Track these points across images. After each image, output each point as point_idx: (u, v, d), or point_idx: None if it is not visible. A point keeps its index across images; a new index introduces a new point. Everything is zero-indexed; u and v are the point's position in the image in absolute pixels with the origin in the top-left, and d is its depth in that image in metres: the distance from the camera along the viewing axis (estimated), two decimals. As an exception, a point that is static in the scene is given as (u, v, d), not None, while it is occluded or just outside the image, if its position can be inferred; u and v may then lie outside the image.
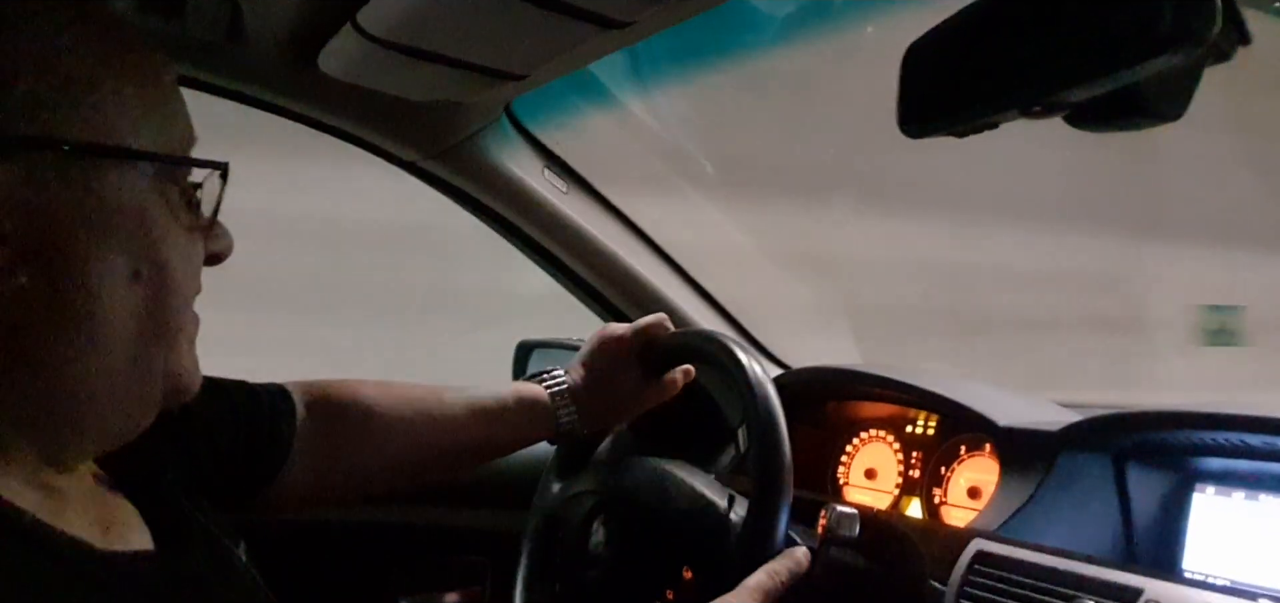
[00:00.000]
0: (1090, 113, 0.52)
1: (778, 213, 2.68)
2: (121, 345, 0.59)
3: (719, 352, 0.97)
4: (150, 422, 0.63)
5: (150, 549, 0.65)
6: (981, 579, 0.90)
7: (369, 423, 0.95)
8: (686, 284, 1.44)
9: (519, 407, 1.03)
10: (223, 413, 0.84)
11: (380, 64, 0.97)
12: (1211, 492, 0.96)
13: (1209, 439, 0.95)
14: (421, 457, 0.99)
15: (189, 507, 0.71)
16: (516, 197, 1.29)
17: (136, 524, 0.66)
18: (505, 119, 1.25)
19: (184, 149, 0.63)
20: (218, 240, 0.66)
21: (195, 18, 0.98)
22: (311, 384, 0.94)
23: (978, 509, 1.07)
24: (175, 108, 0.63)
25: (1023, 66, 0.52)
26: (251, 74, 1.11)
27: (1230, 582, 0.90)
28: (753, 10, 2.52)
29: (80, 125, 0.56)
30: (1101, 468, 1.01)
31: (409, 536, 1.38)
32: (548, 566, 1.08)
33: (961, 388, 1.18)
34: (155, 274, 0.59)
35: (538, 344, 1.48)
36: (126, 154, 0.58)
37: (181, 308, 0.62)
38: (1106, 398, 1.18)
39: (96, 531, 0.60)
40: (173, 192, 0.61)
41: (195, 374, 0.65)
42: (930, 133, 0.60)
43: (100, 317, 0.57)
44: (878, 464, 1.28)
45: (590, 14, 0.83)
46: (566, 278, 1.39)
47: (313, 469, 0.91)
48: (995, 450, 1.11)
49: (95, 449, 0.63)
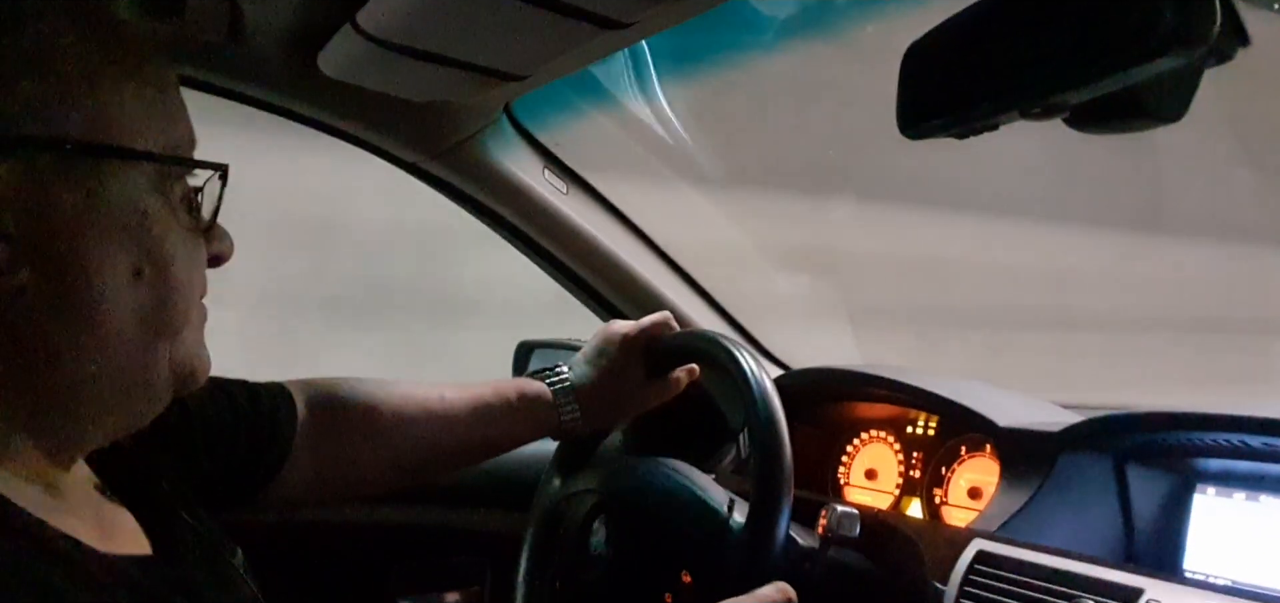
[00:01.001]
0: (1090, 114, 0.52)
1: (777, 212, 2.68)
2: (125, 342, 0.59)
3: (720, 353, 0.97)
4: (159, 411, 0.64)
5: (147, 554, 0.65)
6: (982, 580, 0.90)
7: (370, 421, 0.95)
8: (686, 284, 1.44)
9: (521, 404, 1.02)
10: (224, 412, 0.84)
11: (379, 64, 0.97)
12: (1212, 492, 0.96)
13: (1210, 440, 0.95)
14: (423, 454, 0.99)
15: (186, 515, 0.71)
16: (516, 197, 1.29)
17: (134, 531, 0.66)
18: (505, 119, 1.25)
19: (185, 151, 0.63)
20: (218, 242, 0.66)
21: (195, 18, 0.97)
22: (312, 383, 0.94)
23: (978, 510, 1.07)
24: (176, 109, 0.63)
25: (1022, 68, 0.52)
26: (251, 74, 1.11)
27: (1231, 583, 0.90)
28: (752, 11, 2.52)
29: (82, 125, 0.56)
30: (1102, 469, 1.01)
31: (409, 536, 1.38)
32: (547, 565, 1.08)
33: (962, 389, 1.18)
34: (157, 272, 0.60)
35: (538, 344, 1.48)
36: (128, 154, 0.58)
37: (185, 304, 0.63)
38: (1107, 399, 1.18)
39: (95, 534, 0.60)
40: (174, 192, 0.61)
41: (204, 364, 0.65)
42: (929, 134, 0.60)
43: (103, 314, 0.58)
44: (878, 465, 1.28)
45: (590, 14, 0.83)
46: (566, 278, 1.39)
47: (314, 467, 0.91)
48: (996, 451, 1.11)
49: (97, 442, 0.63)
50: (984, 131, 0.57)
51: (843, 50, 2.71)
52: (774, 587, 0.84)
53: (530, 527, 1.11)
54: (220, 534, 0.74)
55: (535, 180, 1.29)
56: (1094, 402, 1.15)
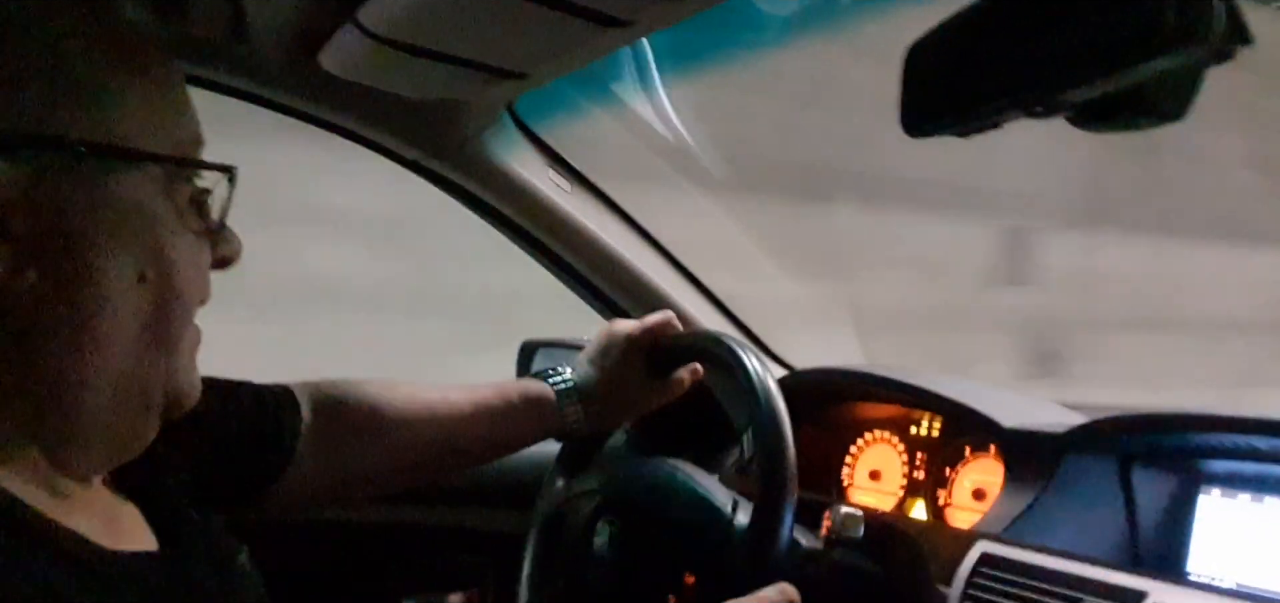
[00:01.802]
0: (1093, 113, 0.51)
1: (781, 212, 2.67)
2: (124, 348, 0.59)
3: (724, 353, 0.97)
4: (153, 433, 0.64)
5: (154, 550, 0.65)
6: (986, 582, 0.90)
7: (374, 422, 0.95)
8: (690, 283, 1.44)
9: (525, 404, 1.02)
10: (228, 414, 0.84)
11: (382, 62, 0.96)
12: (1217, 494, 0.95)
13: (1215, 442, 0.95)
14: (427, 455, 0.99)
15: (192, 511, 0.71)
16: (519, 195, 1.29)
17: (140, 526, 0.66)
18: (508, 117, 1.25)
19: (192, 152, 0.63)
20: (226, 245, 0.66)
21: (197, 16, 0.98)
22: (316, 384, 0.94)
23: (982, 511, 1.07)
24: (183, 110, 0.63)
25: (1025, 66, 0.52)
26: (253, 72, 1.11)
27: (1236, 585, 0.90)
28: (755, 9, 2.51)
29: (90, 126, 0.56)
30: (1106, 470, 1.01)
31: (412, 536, 1.38)
32: (551, 566, 1.08)
33: (966, 389, 1.18)
34: (161, 276, 0.59)
35: (542, 344, 1.48)
36: (135, 155, 0.58)
37: (185, 313, 0.62)
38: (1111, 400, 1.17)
39: (101, 530, 0.60)
40: (181, 194, 0.61)
41: (194, 386, 0.65)
42: (932, 133, 0.59)
43: (106, 317, 0.57)
44: (882, 466, 1.28)
45: (591, 12, 0.83)
46: (570, 277, 1.39)
47: (318, 469, 0.91)
48: (1000, 452, 1.10)
49: (102, 461, 0.63)
50: (987, 130, 0.57)
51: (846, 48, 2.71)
52: (777, 588, 0.84)
53: (533, 528, 1.10)
54: (226, 530, 0.74)
55: (538, 178, 1.29)
56: (1099, 403, 1.14)
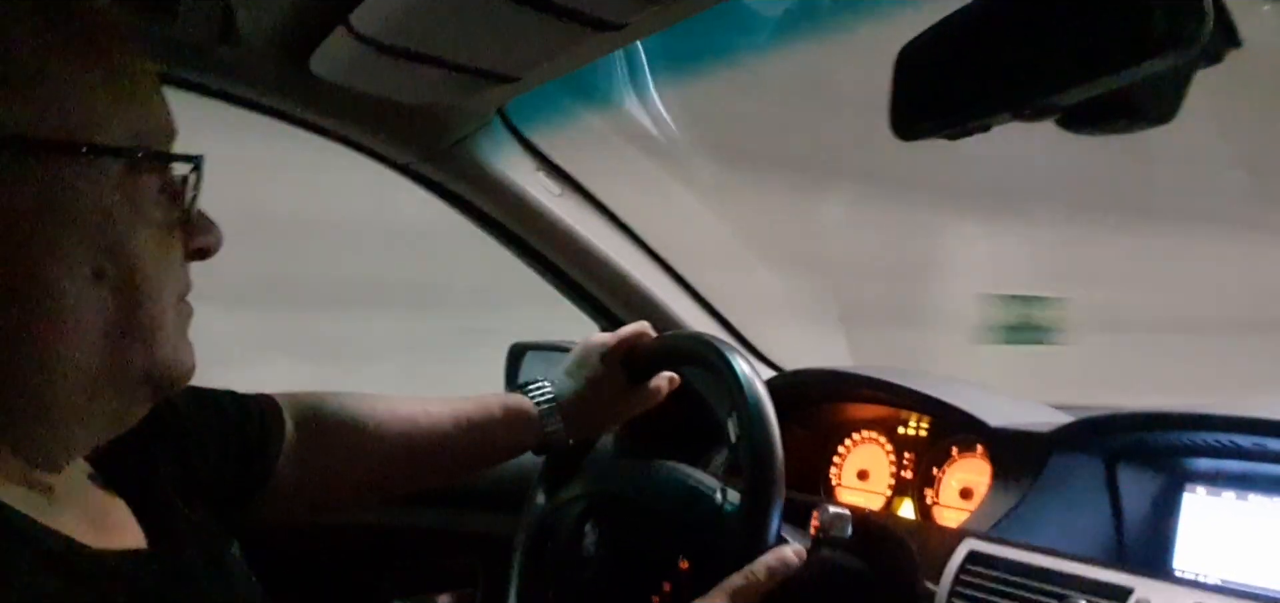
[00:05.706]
0: (1082, 116, 0.52)
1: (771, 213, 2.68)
2: (91, 345, 0.57)
3: (706, 350, 0.97)
4: (141, 413, 0.62)
5: (143, 547, 0.64)
6: (973, 579, 0.91)
7: (355, 436, 0.95)
8: (679, 286, 1.44)
9: (505, 417, 1.03)
10: (212, 422, 0.83)
11: (373, 66, 0.96)
12: (1202, 492, 0.96)
13: (1199, 440, 0.96)
14: (407, 468, 0.99)
15: (182, 505, 0.70)
16: (510, 199, 1.29)
17: (129, 522, 0.65)
18: (498, 121, 1.25)
19: (162, 142, 0.61)
20: (202, 235, 0.63)
21: (187, 19, 0.97)
22: (299, 395, 0.93)
23: (969, 510, 1.07)
24: (147, 98, 0.60)
25: (1015, 69, 0.52)
26: (244, 76, 1.10)
27: (1220, 581, 0.91)
28: (748, 11, 2.52)
29: (40, 119, 0.54)
30: (1093, 469, 1.02)
31: (402, 538, 1.38)
32: (540, 572, 1.08)
33: (953, 389, 1.19)
34: (122, 272, 0.57)
35: (531, 346, 1.48)
36: (81, 149, 0.55)
37: (155, 305, 0.60)
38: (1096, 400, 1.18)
39: (89, 529, 0.59)
40: (147, 186, 0.59)
41: (185, 365, 0.63)
42: (922, 135, 0.60)
43: (64, 316, 0.55)
44: (870, 465, 1.28)
45: (583, 16, 0.83)
46: (559, 280, 1.39)
47: (300, 480, 0.90)
48: (987, 452, 1.11)
49: (82, 447, 0.62)
50: (976, 133, 0.58)
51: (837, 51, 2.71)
52: (774, 554, 0.84)
53: (519, 539, 1.10)
54: (216, 525, 0.74)
55: (528, 182, 1.29)
56: (1085, 403, 1.15)
